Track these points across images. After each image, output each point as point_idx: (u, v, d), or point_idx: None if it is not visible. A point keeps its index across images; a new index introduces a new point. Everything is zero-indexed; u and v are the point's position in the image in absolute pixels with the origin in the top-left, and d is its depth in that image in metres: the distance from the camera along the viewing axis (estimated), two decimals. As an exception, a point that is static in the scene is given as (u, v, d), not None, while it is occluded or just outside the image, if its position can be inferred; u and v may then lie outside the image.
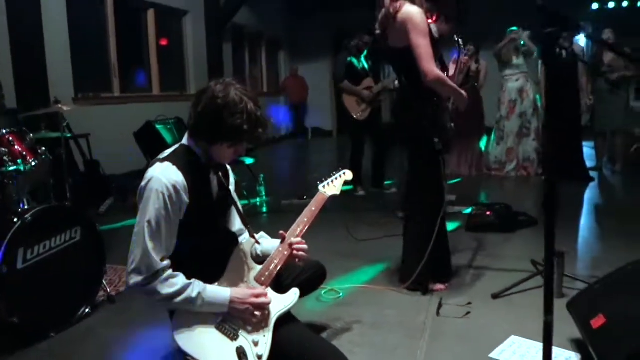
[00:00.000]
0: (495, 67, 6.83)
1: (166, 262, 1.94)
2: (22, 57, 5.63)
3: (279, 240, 2.19)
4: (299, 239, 2.14)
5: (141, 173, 2.08)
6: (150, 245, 1.90)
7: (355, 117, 5.77)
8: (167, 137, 5.01)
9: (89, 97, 6.95)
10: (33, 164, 2.89)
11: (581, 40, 6.88)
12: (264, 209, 5.45)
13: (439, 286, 3.14)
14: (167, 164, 1.97)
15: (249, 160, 5.65)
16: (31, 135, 3.02)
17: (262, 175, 5.77)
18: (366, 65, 5.88)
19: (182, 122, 5.56)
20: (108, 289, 3.14)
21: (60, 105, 3.32)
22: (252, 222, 2.32)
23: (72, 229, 2.86)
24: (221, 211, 2.23)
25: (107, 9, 7.30)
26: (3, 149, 2.83)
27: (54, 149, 3.75)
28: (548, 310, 1.29)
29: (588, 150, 6.93)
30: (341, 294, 3.13)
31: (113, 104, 7.27)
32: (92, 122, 6.16)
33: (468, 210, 4.66)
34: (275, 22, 12.69)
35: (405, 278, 3.15)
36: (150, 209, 1.90)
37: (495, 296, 3.00)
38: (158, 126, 5.01)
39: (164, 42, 8.73)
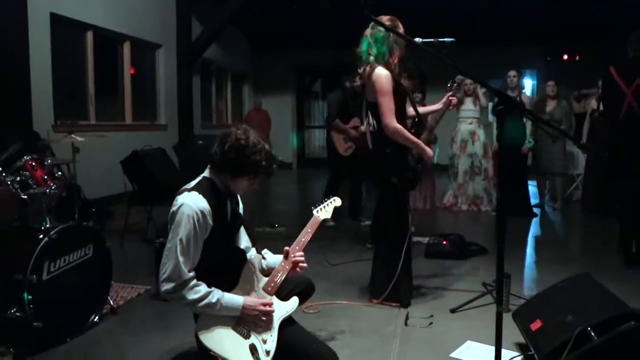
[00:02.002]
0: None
1: (192, 273, 2.35)
2: (8, 85, 5.89)
3: (282, 256, 2.64)
4: (301, 253, 2.60)
5: (117, 197, 2.50)
6: (181, 259, 2.31)
7: (341, 153, 6.28)
8: (152, 166, 5.37)
9: (67, 124, 7.21)
10: (54, 187, 3.26)
11: (527, 90, 7.61)
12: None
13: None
14: (194, 193, 2.39)
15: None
16: (49, 160, 3.39)
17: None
18: (355, 106, 6.42)
19: (165, 153, 5.91)
20: (111, 302, 3.49)
21: (73, 135, 3.69)
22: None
23: (87, 246, 3.23)
24: (234, 231, 2.67)
25: (87, 40, 7.65)
26: (27, 173, 3.19)
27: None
28: (499, 301, 1.79)
29: (533, 188, 7.67)
30: (320, 309, 3.57)
31: (89, 131, 7.54)
32: (70, 148, 6.44)
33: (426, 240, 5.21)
34: (240, 57, 13.22)
35: (375, 294, 3.65)
36: (182, 229, 2.31)
37: (453, 310, 3.53)
38: (144, 156, 5.36)
39: (137, 73, 9.09)
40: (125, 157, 5.41)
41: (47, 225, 3.11)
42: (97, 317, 3.29)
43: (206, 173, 2.53)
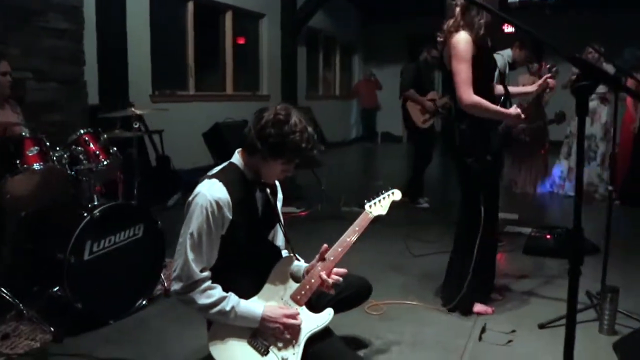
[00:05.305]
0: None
1: (206, 273, 2.04)
2: (107, 56, 5.97)
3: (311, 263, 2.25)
4: (337, 270, 2.20)
5: (209, 169, 2.22)
6: (191, 256, 2.01)
7: (419, 125, 5.90)
8: (232, 139, 5.20)
9: (166, 94, 7.30)
10: (104, 163, 3.12)
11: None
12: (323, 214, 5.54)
13: (479, 307, 3.11)
14: (214, 180, 2.06)
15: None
16: (105, 135, 3.25)
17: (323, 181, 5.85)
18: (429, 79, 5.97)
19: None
20: (165, 283, 3.33)
21: (133, 109, 3.55)
22: (311, 228, 2.34)
23: (136, 226, 3.07)
24: (266, 226, 2.32)
25: (187, 10, 7.64)
26: (79, 149, 3.07)
27: (126, 147, 3.99)
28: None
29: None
30: (384, 310, 3.16)
31: (188, 101, 7.61)
32: (167, 119, 6.47)
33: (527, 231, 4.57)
34: (349, 27, 12.80)
35: (446, 299, 3.16)
36: (194, 222, 2.01)
37: (541, 326, 2.94)
38: (224, 128, 5.22)
39: (240, 43, 9.02)
40: (208, 128, 5.29)
41: (95, 203, 2.99)
42: (145, 300, 3.15)
43: (234, 158, 2.19)
